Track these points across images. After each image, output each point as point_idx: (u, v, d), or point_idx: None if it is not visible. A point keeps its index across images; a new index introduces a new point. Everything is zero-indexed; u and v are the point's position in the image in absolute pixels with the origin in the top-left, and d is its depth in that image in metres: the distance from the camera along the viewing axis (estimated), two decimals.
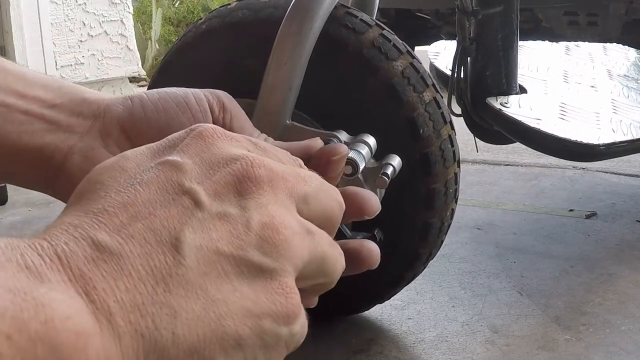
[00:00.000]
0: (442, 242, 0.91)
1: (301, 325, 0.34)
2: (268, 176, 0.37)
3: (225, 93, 0.54)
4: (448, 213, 0.87)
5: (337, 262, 0.40)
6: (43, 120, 0.51)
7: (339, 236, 0.78)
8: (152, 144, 0.39)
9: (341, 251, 0.40)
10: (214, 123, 0.52)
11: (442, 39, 3.09)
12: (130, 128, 0.51)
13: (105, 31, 3.22)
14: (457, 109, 1.20)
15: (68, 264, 0.31)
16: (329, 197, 0.40)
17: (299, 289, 0.35)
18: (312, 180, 0.39)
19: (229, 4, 0.89)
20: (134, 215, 0.34)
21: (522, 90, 1.25)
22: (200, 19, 0.90)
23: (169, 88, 0.51)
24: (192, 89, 0.52)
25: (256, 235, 0.35)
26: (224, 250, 0.35)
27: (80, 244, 0.32)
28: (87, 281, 0.31)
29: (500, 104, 1.16)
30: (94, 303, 0.31)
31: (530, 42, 1.61)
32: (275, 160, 0.39)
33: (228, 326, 0.33)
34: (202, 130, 0.38)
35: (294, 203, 0.38)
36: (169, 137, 0.39)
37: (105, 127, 0.51)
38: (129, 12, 3.33)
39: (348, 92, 0.81)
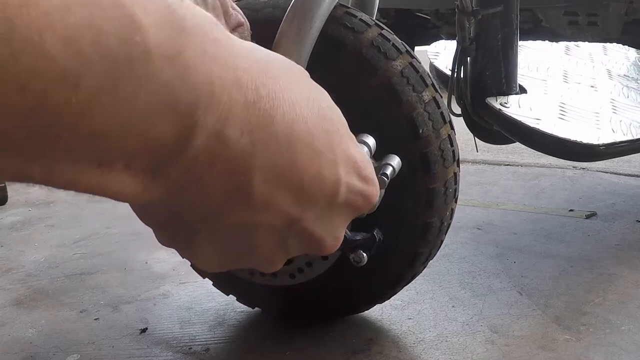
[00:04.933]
0: (442, 242, 0.91)
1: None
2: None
3: None
4: (448, 213, 0.87)
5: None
6: None
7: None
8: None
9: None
10: None
11: (442, 39, 3.10)
12: None
13: None
14: (457, 109, 1.20)
15: None
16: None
17: None
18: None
19: None
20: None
21: (522, 90, 1.25)
22: None
23: None
24: None
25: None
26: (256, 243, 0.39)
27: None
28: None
29: (500, 104, 1.16)
30: None
31: (530, 42, 1.61)
32: None
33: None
34: (366, 204, 0.43)
35: None
36: (367, 175, 0.42)
37: None
38: None
39: (347, 91, 0.81)
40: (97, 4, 0.26)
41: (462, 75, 1.18)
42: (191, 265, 1.07)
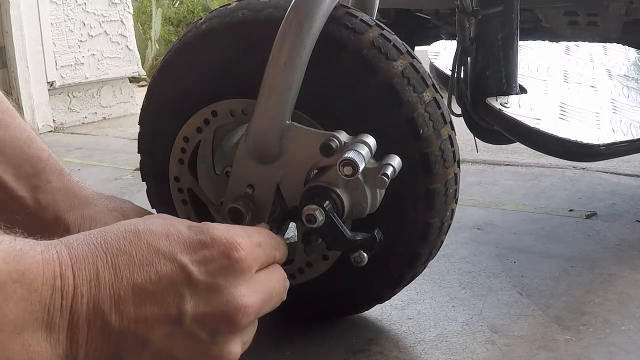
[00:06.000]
0: (442, 242, 0.91)
1: None
2: (246, 324, 0.52)
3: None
4: (448, 213, 0.87)
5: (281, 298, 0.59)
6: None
7: (339, 237, 0.78)
8: (193, 230, 0.53)
9: (286, 283, 0.60)
10: None
11: (442, 39, 3.10)
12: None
13: (105, 31, 3.22)
14: (457, 109, 1.20)
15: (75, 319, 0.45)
16: (279, 303, 0.60)
17: None
18: (274, 300, 0.58)
19: (229, 4, 0.89)
20: (136, 301, 0.47)
21: (522, 90, 1.25)
22: (200, 19, 0.90)
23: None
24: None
25: (208, 358, 0.50)
26: (177, 356, 0.49)
27: (91, 306, 0.46)
28: (76, 335, 0.46)
29: (500, 104, 1.16)
30: (71, 349, 0.45)
31: (530, 42, 1.61)
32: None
33: None
34: (235, 262, 0.51)
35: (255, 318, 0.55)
36: (213, 235, 0.53)
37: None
38: (129, 12, 3.33)
39: (348, 92, 0.81)
40: None
41: (462, 75, 1.18)
42: None
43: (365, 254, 0.74)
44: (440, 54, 1.42)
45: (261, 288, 0.54)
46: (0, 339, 0.41)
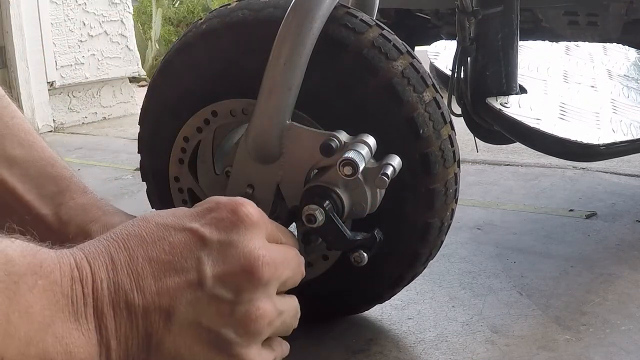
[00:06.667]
0: (442, 242, 0.91)
1: None
2: (268, 277, 0.51)
3: None
4: (448, 213, 0.87)
5: (295, 319, 0.58)
6: None
7: (339, 237, 0.78)
8: (198, 205, 0.55)
9: (298, 308, 0.58)
10: None
11: (442, 39, 3.10)
12: None
13: (105, 31, 3.22)
14: (457, 109, 1.20)
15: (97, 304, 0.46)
16: (299, 274, 0.57)
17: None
18: (292, 263, 0.56)
19: (229, 4, 0.89)
20: (155, 275, 0.48)
21: (522, 90, 1.25)
22: (200, 19, 0.90)
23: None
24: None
25: (236, 320, 0.49)
26: (205, 324, 0.48)
27: (112, 289, 0.47)
28: (104, 321, 0.46)
29: (500, 104, 1.16)
30: (101, 336, 0.46)
31: (530, 42, 1.61)
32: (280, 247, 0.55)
33: None
34: (244, 216, 0.52)
35: (276, 287, 0.53)
36: (218, 200, 0.54)
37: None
38: (129, 12, 3.33)
39: (348, 92, 0.81)
40: None
41: (462, 75, 1.18)
42: None
43: (365, 254, 0.74)
44: (440, 54, 1.42)
45: (275, 248, 0.54)
46: (30, 334, 0.41)
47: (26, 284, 0.42)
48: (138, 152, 0.96)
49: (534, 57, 1.48)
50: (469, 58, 1.17)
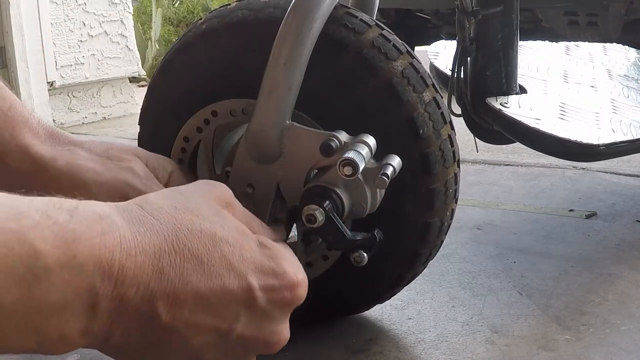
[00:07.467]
0: (442, 242, 0.91)
1: None
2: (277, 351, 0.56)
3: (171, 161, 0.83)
4: (448, 213, 0.87)
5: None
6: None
7: (339, 237, 0.78)
8: (265, 253, 0.54)
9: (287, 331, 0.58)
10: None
11: (442, 39, 3.10)
12: None
13: (105, 31, 3.22)
14: (457, 109, 1.20)
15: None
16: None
17: None
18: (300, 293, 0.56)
19: (229, 4, 0.89)
20: (193, 308, 0.48)
21: (522, 90, 1.25)
22: (200, 19, 0.90)
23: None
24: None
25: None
26: None
27: (146, 299, 0.46)
28: (120, 316, 0.45)
29: (500, 104, 1.16)
30: (106, 340, 0.46)
31: (530, 42, 1.61)
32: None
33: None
34: (296, 300, 0.55)
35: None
36: (285, 269, 0.54)
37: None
38: (129, 12, 3.33)
39: (348, 92, 0.81)
40: (5, 244, 0.38)
41: (462, 75, 1.18)
42: None
43: (365, 254, 0.74)
44: (440, 54, 1.42)
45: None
46: (35, 322, 0.40)
47: (48, 282, 0.40)
48: None
49: (534, 57, 1.48)
50: (469, 58, 1.17)
